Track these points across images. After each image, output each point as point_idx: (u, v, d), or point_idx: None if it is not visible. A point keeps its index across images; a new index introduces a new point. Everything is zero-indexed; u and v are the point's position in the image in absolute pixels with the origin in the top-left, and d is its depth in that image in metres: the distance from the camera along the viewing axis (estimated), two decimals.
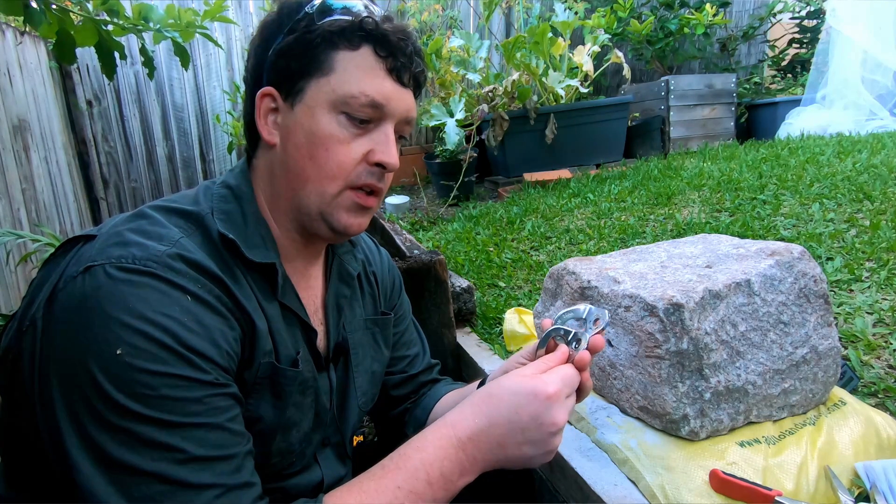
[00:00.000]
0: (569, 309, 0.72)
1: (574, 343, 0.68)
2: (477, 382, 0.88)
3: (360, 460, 0.91)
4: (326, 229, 0.72)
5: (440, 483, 0.61)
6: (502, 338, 1.58)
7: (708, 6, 4.41)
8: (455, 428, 0.63)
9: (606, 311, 0.71)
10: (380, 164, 0.70)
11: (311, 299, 0.79)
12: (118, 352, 0.53)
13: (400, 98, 0.71)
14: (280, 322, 0.71)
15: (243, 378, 0.65)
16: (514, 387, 0.63)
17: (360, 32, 0.68)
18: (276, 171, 0.72)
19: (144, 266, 0.57)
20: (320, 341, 0.78)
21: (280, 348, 0.69)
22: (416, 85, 0.74)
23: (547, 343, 0.71)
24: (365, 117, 0.69)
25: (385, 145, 0.70)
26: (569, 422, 1.08)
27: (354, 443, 0.95)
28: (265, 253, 0.69)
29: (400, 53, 0.69)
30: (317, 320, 0.79)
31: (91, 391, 0.52)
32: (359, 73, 0.67)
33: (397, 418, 0.99)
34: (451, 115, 3.39)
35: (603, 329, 0.71)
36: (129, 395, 0.52)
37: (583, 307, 0.71)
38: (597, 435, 0.99)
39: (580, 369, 0.69)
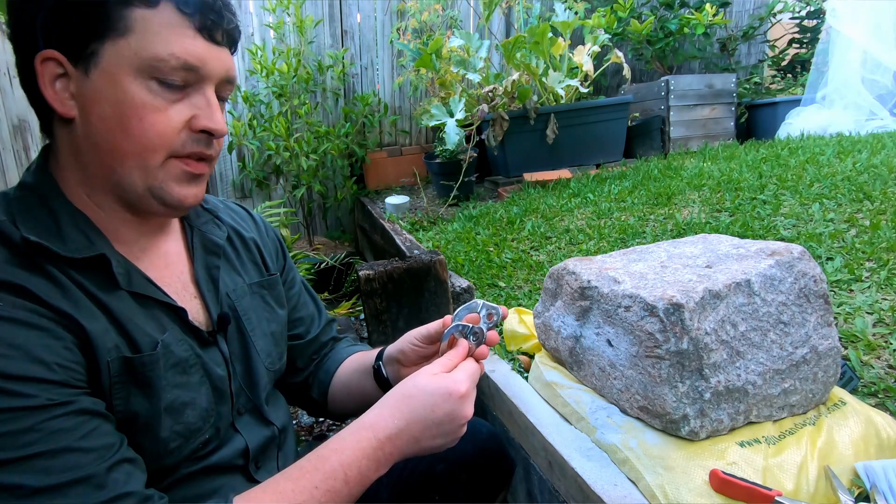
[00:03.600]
0: (465, 305, 0.81)
1: (472, 336, 0.78)
2: (376, 351, 0.92)
3: None
4: (158, 205, 0.66)
5: (357, 480, 0.64)
6: (502, 338, 1.58)
7: (708, 6, 4.41)
8: (374, 430, 0.66)
9: (501, 308, 0.81)
10: (205, 131, 0.65)
11: (174, 276, 0.74)
12: None
13: (216, 57, 0.64)
14: (133, 310, 0.66)
15: (99, 383, 0.60)
16: (429, 387, 0.68)
17: None
18: (84, 149, 0.63)
19: None
20: (198, 315, 0.75)
21: (137, 337, 0.64)
22: (231, 41, 0.68)
23: (449, 339, 0.79)
24: (180, 82, 0.62)
25: (208, 109, 0.64)
26: (568, 422, 1.08)
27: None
28: (89, 246, 0.63)
29: (207, 9, 0.62)
30: (188, 295, 0.75)
31: None
32: (164, 33, 0.60)
33: (301, 384, 0.98)
34: (451, 115, 3.38)
35: (498, 323, 0.80)
36: None
37: (476, 303, 0.81)
38: (597, 435, 0.99)
39: (478, 360, 0.77)
